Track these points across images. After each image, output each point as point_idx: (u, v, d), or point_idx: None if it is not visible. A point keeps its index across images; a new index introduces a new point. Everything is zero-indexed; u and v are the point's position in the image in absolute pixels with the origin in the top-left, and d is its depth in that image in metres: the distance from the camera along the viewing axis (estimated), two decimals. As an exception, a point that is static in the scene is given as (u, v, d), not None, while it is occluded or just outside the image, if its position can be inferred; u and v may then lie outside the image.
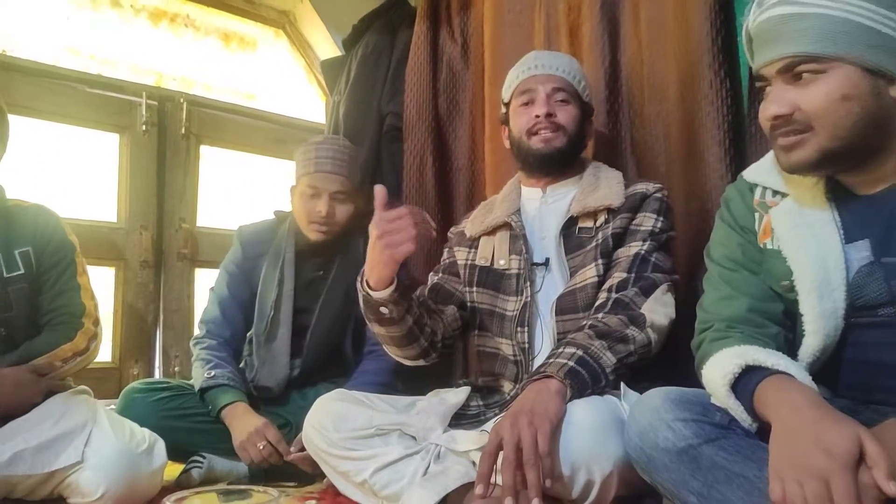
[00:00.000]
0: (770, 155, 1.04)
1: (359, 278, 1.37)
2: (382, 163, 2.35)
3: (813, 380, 0.89)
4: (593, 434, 1.07)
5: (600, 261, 1.38)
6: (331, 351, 1.86)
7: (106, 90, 2.46)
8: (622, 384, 1.24)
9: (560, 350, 1.22)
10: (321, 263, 1.89)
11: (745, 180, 1.08)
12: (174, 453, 1.54)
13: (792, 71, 0.90)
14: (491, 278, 1.50)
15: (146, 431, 1.47)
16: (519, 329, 1.41)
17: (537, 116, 1.47)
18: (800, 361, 0.95)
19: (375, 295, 1.33)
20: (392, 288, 1.31)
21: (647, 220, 1.40)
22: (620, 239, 1.40)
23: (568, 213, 1.45)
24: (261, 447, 1.58)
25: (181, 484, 1.59)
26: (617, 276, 1.34)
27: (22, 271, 1.52)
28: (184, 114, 2.59)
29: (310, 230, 1.83)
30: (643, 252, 1.36)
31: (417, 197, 2.20)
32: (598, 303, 1.34)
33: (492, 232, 1.55)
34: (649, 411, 0.94)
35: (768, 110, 0.92)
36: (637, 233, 1.39)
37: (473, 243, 1.58)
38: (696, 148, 1.56)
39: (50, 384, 1.47)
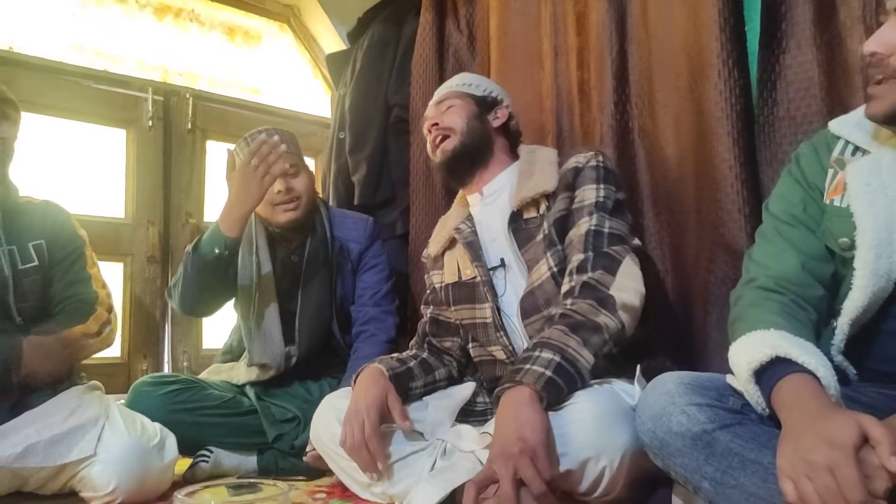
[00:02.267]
0: (861, 110, 1.01)
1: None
2: (389, 155, 2.34)
3: (846, 350, 0.89)
4: (599, 426, 1.06)
5: (549, 252, 1.34)
6: (322, 334, 1.86)
7: (112, 86, 2.46)
8: (638, 368, 1.23)
9: (536, 354, 1.14)
10: (294, 248, 1.88)
11: (830, 132, 1.05)
12: (183, 448, 1.54)
13: None
14: (464, 292, 1.48)
15: (157, 426, 1.48)
16: (499, 334, 1.40)
17: (429, 131, 1.53)
18: (842, 317, 0.93)
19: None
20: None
21: (589, 193, 1.34)
22: (565, 221, 1.36)
23: (508, 209, 1.42)
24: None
25: (188, 479, 1.60)
26: (576, 258, 1.28)
27: (36, 263, 1.54)
28: (189, 108, 2.59)
29: (278, 214, 1.80)
30: (593, 227, 1.30)
31: (424, 189, 2.20)
32: (564, 289, 1.28)
33: (451, 246, 1.54)
34: (663, 396, 0.93)
35: (869, 44, 0.90)
36: (582, 209, 1.34)
37: (437, 261, 1.58)
38: (705, 137, 1.54)
39: (73, 360, 1.50)
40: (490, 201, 1.50)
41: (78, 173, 2.40)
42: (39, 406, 1.41)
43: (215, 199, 2.64)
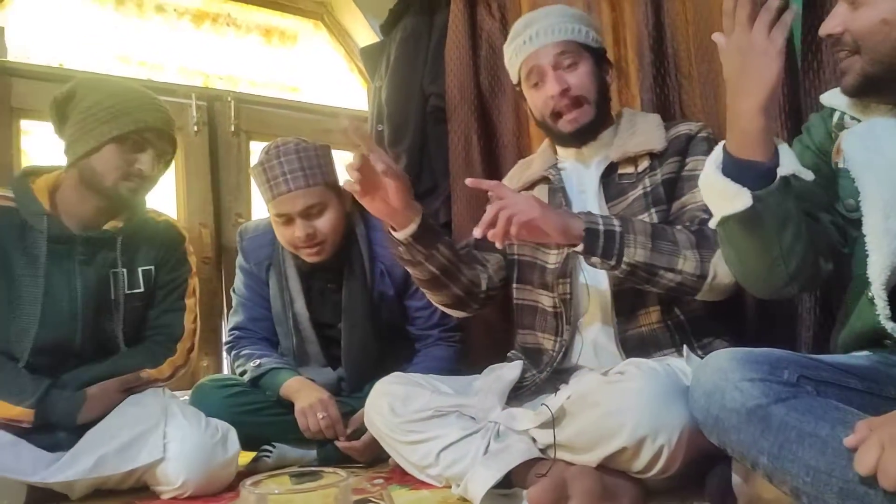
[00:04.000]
0: None
1: None
2: (428, 144, 2.35)
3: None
4: (656, 403, 1.06)
5: (653, 209, 1.34)
6: (372, 360, 1.78)
7: (157, 94, 2.49)
8: (685, 347, 1.22)
9: (610, 218, 1.24)
10: (329, 276, 1.77)
11: (822, 104, 1.07)
12: (245, 444, 1.58)
13: None
14: None
15: (219, 422, 1.53)
16: (561, 280, 1.39)
17: (553, 97, 1.39)
18: (873, 284, 0.94)
19: (395, 235, 1.36)
20: (408, 231, 1.33)
21: (700, 164, 1.29)
22: (673, 185, 1.35)
23: (607, 160, 1.41)
24: (321, 416, 1.61)
25: (252, 471, 1.65)
26: (701, 217, 1.28)
27: (142, 289, 1.59)
28: (232, 112, 2.65)
29: (302, 255, 1.71)
30: None
31: (465, 176, 2.18)
32: (684, 223, 1.30)
33: (530, 187, 1.51)
34: (715, 372, 0.92)
35: (823, 27, 0.96)
36: (692, 178, 1.31)
37: None
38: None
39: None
40: (588, 154, 1.47)
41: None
42: (102, 421, 1.45)
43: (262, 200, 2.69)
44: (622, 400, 1.09)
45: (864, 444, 0.75)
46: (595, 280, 1.38)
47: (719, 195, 0.99)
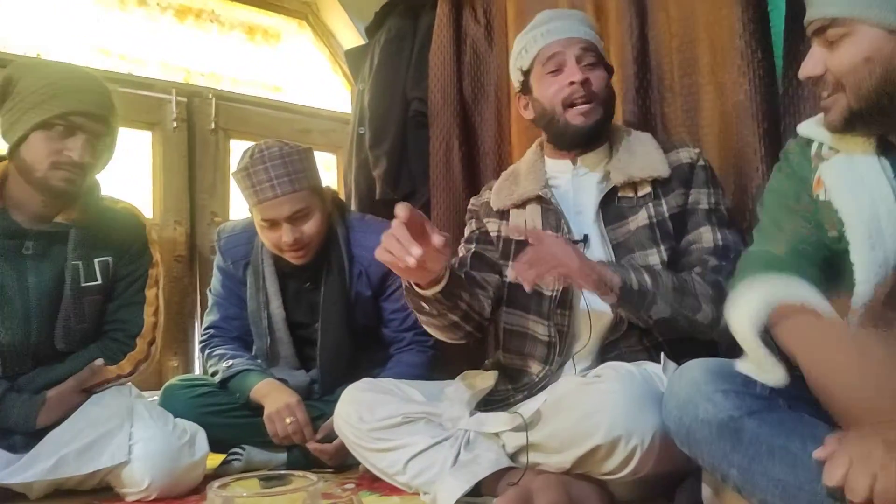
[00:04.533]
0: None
1: None
2: (409, 149, 2.35)
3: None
4: (631, 406, 1.06)
5: (663, 246, 1.32)
6: (346, 361, 1.77)
7: (136, 88, 2.49)
8: (662, 355, 1.22)
9: (642, 273, 1.22)
10: (306, 275, 1.77)
11: (800, 135, 1.08)
12: (214, 447, 1.57)
13: (824, 33, 0.93)
14: None
15: (187, 423, 1.50)
16: (559, 311, 1.34)
17: (572, 84, 1.35)
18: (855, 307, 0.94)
19: (419, 291, 1.25)
20: (436, 289, 1.23)
21: (702, 197, 1.35)
22: (679, 219, 1.34)
23: (609, 183, 1.36)
24: (288, 422, 1.59)
25: (220, 474, 1.63)
26: (712, 262, 1.29)
27: (99, 282, 1.51)
28: (212, 109, 2.62)
29: (288, 257, 1.70)
30: (720, 241, 1.31)
31: (444, 182, 2.19)
32: (695, 269, 1.30)
33: (521, 205, 1.46)
34: (688, 383, 0.93)
35: (802, 70, 0.97)
36: (696, 212, 1.34)
37: (503, 216, 1.50)
38: (729, 121, 1.52)
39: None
40: (582, 172, 1.43)
41: (105, 175, 2.43)
42: (65, 421, 1.41)
43: (240, 198, 2.66)
44: (598, 400, 1.09)
45: (832, 458, 0.76)
46: (598, 307, 1.33)
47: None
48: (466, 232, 1.58)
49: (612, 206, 1.37)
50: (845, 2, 0.91)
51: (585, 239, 1.36)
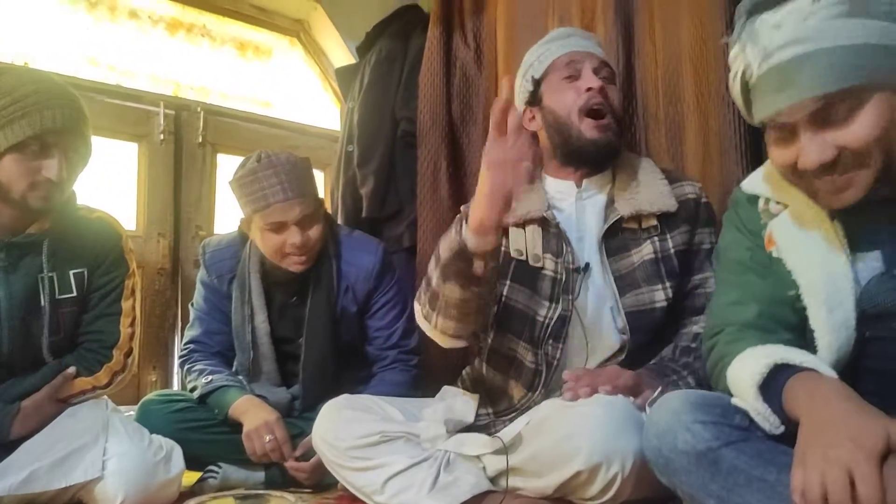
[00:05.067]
0: (763, 167, 1.04)
1: (455, 224, 1.20)
2: (397, 169, 2.35)
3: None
4: (611, 430, 1.06)
5: (668, 284, 1.31)
6: (329, 376, 1.76)
7: (124, 100, 2.49)
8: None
9: (665, 368, 1.25)
10: (293, 289, 1.77)
11: (744, 192, 1.06)
12: (191, 463, 1.54)
13: (827, 112, 0.84)
14: (527, 275, 1.36)
15: (164, 439, 1.48)
16: (551, 341, 1.31)
17: (589, 90, 1.32)
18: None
19: (477, 242, 1.11)
20: (499, 237, 1.14)
21: (705, 237, 1.35)
22: (684, 256, 1.33)
23: (616, 213, 1.33)
24: (267, 439, 1.57)
25: (196, 492, 1.60)
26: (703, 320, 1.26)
27: (74, 294, 1.48)
28: (200, 122, 2.62)
29: (287, 264, 1.68)
30: None
31: (431, 203, 2.20)
32: (698, 310, 1.32)
33: (521, 224, 1.39)
34: (668, 413, 0.93)
35: (810, 160, 0.85)
36: (700, 252, 1.34)
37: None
38: (712, 151, 1.54)
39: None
40: (586, 196, 1.40)
41: (90, 186, 2.41)
42: (38, 434, 1.37)
43: (225, 213, 2.66)
44: (578, 423, 1.08)
45: (791, 473, 0.76)
46: (597, 341, 1.31)
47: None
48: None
49: (616, 237, 1.34)
50: (854, 70, 0.82)
51: (587, 267, 1.34)
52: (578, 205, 1.40)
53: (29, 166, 1.36)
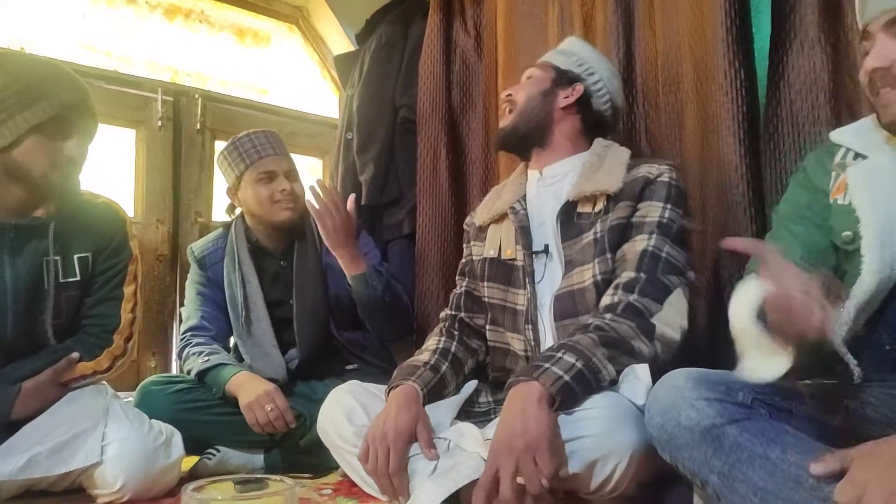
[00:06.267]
0: (860, 122, 1.09)
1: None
2: (396, 156, 2.35)
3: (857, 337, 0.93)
4: (606, 426, 1.06)
5: (597, 259, 1.29)
6: (321, 336, 1.84)
7: (122, 86, 2.48)
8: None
9: (559, 356, 1.12)
10: (280, 254, 1.89)
11: (832, 140, 1.11)
12: (191, 446, 1.55)
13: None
14: (501, 271, 1.44)
15: (164, 425, 1.48)
16: (530, 326, 1.36)
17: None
18: (850, 300, 0.95)
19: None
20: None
21: (653, 210, 1.29)
22: (623, 232, 1.30)
23: (565, 197, 1.37)
24: (269, 408, 1.60)
25: (194, 474, 1.61)
26: (626, 275, 1.25)
27: (77, 278, 1.49)
28: (199, 109, 2.61)
29: (277, 212, 1.83)
30: (651, 248, 1.25)
31: (431, 190, 2.20)
32: (606, 301, 1.24)
33: (500, 220, 1.48)
34: (672, 390, 0.94)
35: (868, 63, 0.95)
36: (643, 225, 1.28)
37: (485, 235, 1.52)
38: (711, 139, 1.54)
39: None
40: (547, 183, 1.45)
41: (88, 173, 2.41)
42: (38, 417, 1.38)
43: (224, 199, 2.65)
44: (574, 424, 1.08)
45: (849, 477, 0.75)
46: (551, 328, 1.34)
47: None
48: (464, 255, 1.60)
49: (571, 222, 1.36)
50: None
51: (546, 249, 1.38)
52: (540, 191, 1.46)
53: (52, 146, 1.39)
